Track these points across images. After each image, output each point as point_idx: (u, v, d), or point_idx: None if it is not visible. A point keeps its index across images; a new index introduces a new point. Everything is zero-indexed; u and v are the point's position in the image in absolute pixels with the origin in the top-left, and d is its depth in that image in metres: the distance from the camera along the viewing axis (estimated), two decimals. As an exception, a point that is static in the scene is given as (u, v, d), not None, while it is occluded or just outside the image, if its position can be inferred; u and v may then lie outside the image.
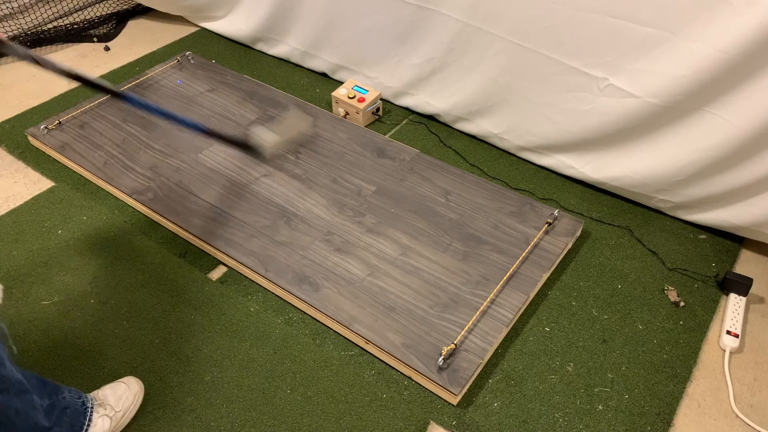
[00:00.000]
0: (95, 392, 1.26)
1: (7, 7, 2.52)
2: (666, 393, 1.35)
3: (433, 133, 2.05)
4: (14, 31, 2.45)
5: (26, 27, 2.49)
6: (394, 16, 1.91)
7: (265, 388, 1.34)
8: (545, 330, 1.47)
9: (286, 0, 2.17)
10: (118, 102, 1.37)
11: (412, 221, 1.67)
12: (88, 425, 1.18)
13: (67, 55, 2.44)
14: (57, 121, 1.97)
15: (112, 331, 1.44)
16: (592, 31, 1.53)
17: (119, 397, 1.25)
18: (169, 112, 1.43)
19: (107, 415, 1.21)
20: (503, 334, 1.43)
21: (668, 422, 1.30)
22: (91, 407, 1.20)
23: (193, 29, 2.60)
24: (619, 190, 1.79)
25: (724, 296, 1.56)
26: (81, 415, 1.18)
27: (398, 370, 1.38)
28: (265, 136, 1.47)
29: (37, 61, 1.30)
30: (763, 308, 1.55)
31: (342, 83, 2.14)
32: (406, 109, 2.15)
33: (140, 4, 2.67)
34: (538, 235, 1.63)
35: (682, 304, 1.53)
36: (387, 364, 1.39)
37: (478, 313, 1.44)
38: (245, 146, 1.48)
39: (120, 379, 1.31)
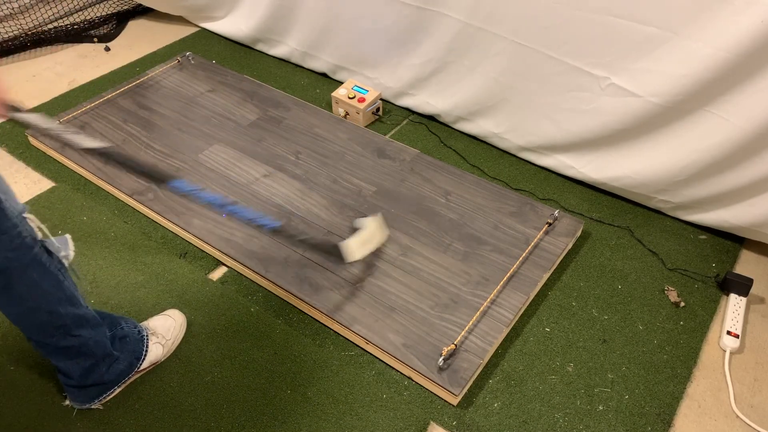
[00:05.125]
0: (146, 322, 1.38)
1: (8, 7, 2.52)
2: (666, 393, 1.35)
3: (433, 133, 2.05)
4: (14, 31, 2.45)
5: (26, 27, 2.49)
6: (395, 16, 1.91)
7: (265, 388, 1.34)
8: (545, 330, 1.47)
9: (286, 0, 2.17)
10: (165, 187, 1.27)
11: (412, 221, 1.67)
12: (146, 352, 1.32)
13: (67, 56, 2.44)
14: (57, 122, 1.96)
15: (112, 331, 1.44)
16: (594, 30, 1.53)
17: (168, 328, 1.39)
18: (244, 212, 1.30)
19: (160, 343, 1.35)
20: (503, 335, 1.43)
21: (668, 422, 1.30)
22: (147, 336, 1.33)
23: (194, 29, 2.60)
24: (619, 191, 1.79)
25: (725, 296, 1.56)
26: (140, 343, 1.31)
27: (398, 371, 1.38)
28: (352, 247, 1.42)
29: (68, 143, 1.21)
30: (764, 308, 1.55)
31: (342, 83, 2.14)
32: (407, 109, 2.15)
33: (140, 5, 2.67)
34: (539, 236, 1.63)
35: (682, 304, 1.53)
36: (387, 364, 1.39)
37: (478, 313, 1.44)
38: (330, 252, 1.42)
39: (164, 312, 1.44)
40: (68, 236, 1.18)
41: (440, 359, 1.33)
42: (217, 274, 1.59)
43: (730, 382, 1.38)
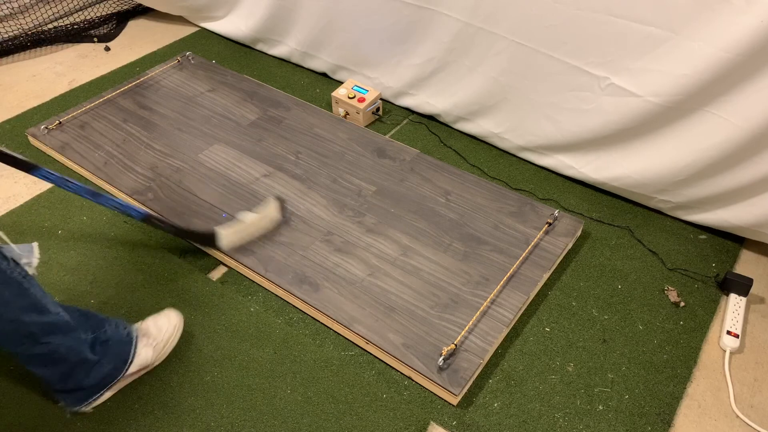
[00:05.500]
0: (139, 323, 1.34)
1: (8, 7, 2.52)
2: (666, 393, 1.35)
3: (433, 133, 2.05)
4: (14, 31, 2.45)
5: (26, 27, 2.49)
6: (395, 16, 1.91)
7: (265, 388, 1.34)
8: (545, 330, 1.47)
9: (285, 0, 2.17)
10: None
11: (412, 221, 1.67)
12: (134, 355, 1.27)
13: (67, 56, 2.44)
14: (57, 122, 1.97)
15: (112, 331, 1.44)
16: (594, 30, 1.53)
17: (160, 328, 1.34)
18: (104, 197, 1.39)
19: (150, 345, 1.30)
20: (503, 335, 1.43)
21: (668, 422, 1.30)
22: (136, 337, 1.29)
23: (194, 29, 2.60)
24: (619, 191, 1.79)
25: (725, 296, 1.56)
26: (126, 345, 1.27)
27: (398, 371, 1.38)
28: (229, 230, 1.53)
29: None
30: (764, 308, 1.55)
31: (342, 83, 2.14)
32: (407, 109, 2.15)
33: (140, 4, 2.67)
34: (539, 236, 1.63)
35: (682, 304, 1.53)
36: (387, 364, 1.39)
37: (478, 313, 1.44)
38: (197, 236, 1.54)
39: (161, 312, 1.39)
40: (35, 244, 1.16)
41: (440, 359, 1.33)
42: (217, 274, 1.59)
43: (730, 382, 1.38)
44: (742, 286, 1.53)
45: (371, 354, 1.41)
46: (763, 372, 1.41)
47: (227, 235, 1.53)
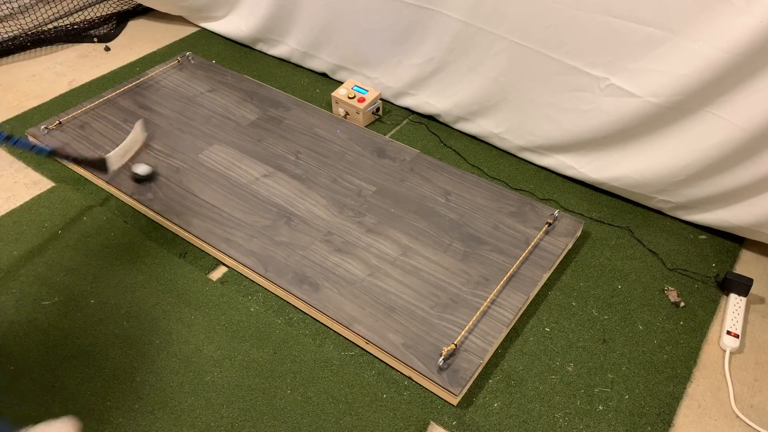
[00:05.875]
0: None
1: (7, 7, 2.52)
2: (666, 393, 1.35)
3: (433, 133, 2.05)
4: (14, 31, 2.45)
5: (26, 27, 2.49)
6: (394, 16, 1.91)
7: (265, 388, 1.34)
8: (545, 330, 1.47)
9: (285, 0, 2.17)
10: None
11: (412, 221, 1.67)
12: None
13: (67, 56, 2.44)
14: (57, 122, 1.97)
15: (112, 331, 1.44)
16: (594, 30, 1.53)
17: None
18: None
19: None
20: (503, 335, 1.43)
21: (668, 422, 1.30)
22: None
23: (193, 29, 2.60)
24: (619, 191, 1.79)
25: (725, 296, 1.56)
26: None
27: (398, 371, 1.38)
28: (114, 154, 1.74)
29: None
30: (764, 308, 1.55)
31: (342, 83, 2.14)
32: (407, 109, 2.15)
33: (140, 5, 2.67)
34: (539, 236, 1.63)
35: (682, 304, 1.53)
36: (387, 364, 1.39)
37: (478, 313, 1.44)
38: (93, 164, 1.72)
39: (57, 420, 1.24)
40: None
41: (440, 359, 1.33)
42: (217, 274, 1.59)
43: (730, 382, 1.38)
44: (742, 286, 1.53)
45: (371, 354, 1.41)
46: (763, 372, 1.41)
47: (114, 158, 1.74)
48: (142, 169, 1.73)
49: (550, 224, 1.66)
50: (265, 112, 2.06)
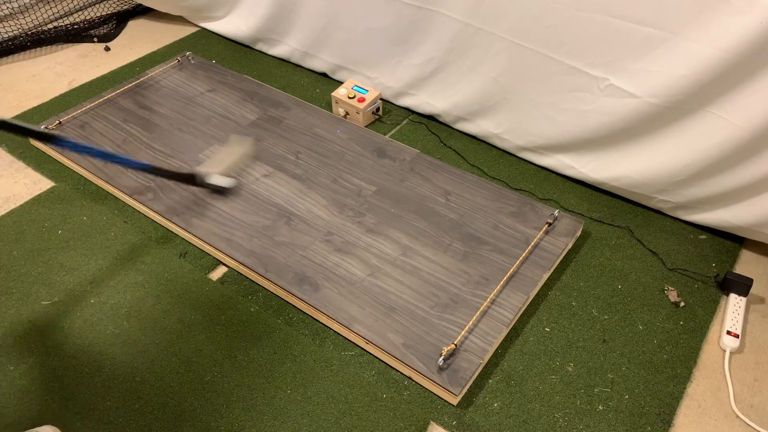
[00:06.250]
0: None
1: (8, 7, 2.52)
2: (666, 393, 1.35)
3: (433, 133, 2.05)
4: (14, 31, 2.45)
5: (26, 27, 2.49)
6: (394, 16, 1.91)
7: (265, 388, 1.34)
8: (545, 330, 1.47)
9: (286, 0, 2.17)
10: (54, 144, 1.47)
11: (412, 221, 1.67)
12: None
13: (67, 56, 2.44)
14: (57, 121, 1.97)
15: (112, 331, 1.44)
16: (593, 31, 1.53)
17: None
18: (110, 153, 1.52)
19: None
20: (503, 335, 1.43)
21: (668, 422, 1.30)
22: None
23: (193, 29, 2.60)
24: (619, 191, 1.79)
25: (725, 296, 1.56)
26: None
27: (398, 371, 1.38)
28: (210, 170, 1.65)
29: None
30: (764, 308, 1.55)
31: (342, 83, 2.14)
32: (406, 109, 2.15)
33: (140, 4, 2.67)
34: (538, 236, 1.63)
35: (682, 304, 1.53)
36: (387, 364, 1.39)
37: (478, 313, 1.44)
38: (193, 181, 1.64)
39: (40, 427, 1.24)
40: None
41: (440, 359, 1.33)
42: (217, 274, 1.59)
43: (730, 382, 1.38)
44: (742, 286, 1.53)
45: (371, 354, 1.41)
46: (763, 372, 1.41)
47: (211, 171, 1.65)
48: (224, 181, 1.62)
49: (550, 224, 1.66)
50: (265, 112, 2.06)
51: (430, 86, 2.01)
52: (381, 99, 2.10)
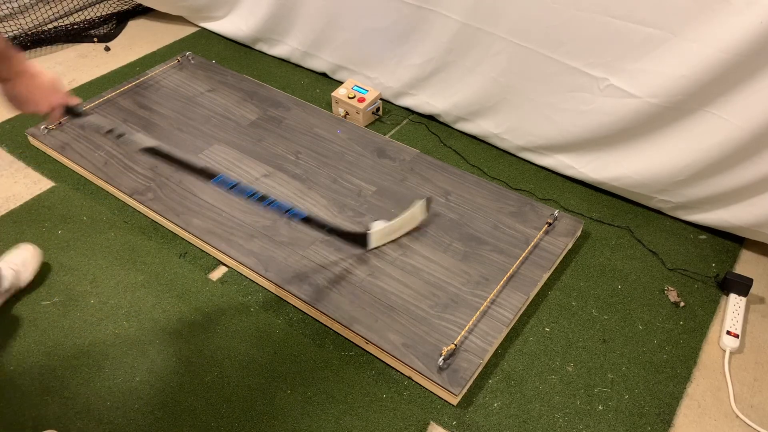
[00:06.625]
0: None
1: (8, 7, 2.52)
2: (666, 393, 1.35)
3: (433, 133, 2.05)
4: (14, 31, 2.45)
5: (26, 27, 2.49)
6: (394, 16, 1.91)
7: (265, 388, 1.34)
8: (545, 330, 1.47)
9: (286, 0, 2.17)
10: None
11: (412, 221, 1.67)
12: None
13: (67, 56, 2.44)
14: (57, 121, 1.97)
15: (112, 331, 1.44)
16: (593, 31, 1.53)
17: (15, 256, 1.49)
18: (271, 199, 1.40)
19: (12, 268, 1.46)
20: (503, 335, 1.43)
21: (668, 422, 1.30)
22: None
23: (193, 29, 2.60)
24: (619, 191, 1.79)
25: (724, 296, 1.56)
26: None
27: (398, 371, 1.38)
28: (378, 232, 1.56)
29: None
30: (764, 308, 1.55)
31: (342, 83, 2.14)
32: (406, 109, 2.15)
33: (140, 4, 2.67)
34: (538, 236, 1.63)
35: (682, 304, 1.53)
36: (387, 364, 1.39)
37: (478, 313, 1.44)
38: (349, 237, 1.55)
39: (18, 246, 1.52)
40: None
41: (440, 359, 1.33)
42: (217, 274, 1.59)
43: (730, 382, 1.38)
44: (742, 286, 1.53)
45: (371, 354, 1.41)
46: (763, 372, 1.41)
47: (377, 236, 1.56)
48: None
49: (550, 224, 1.66)
50: (265, 112, 2.06)
51: (430, 86, 2.01)
52: (381, 99, 2.10)
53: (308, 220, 1.44)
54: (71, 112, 1.16)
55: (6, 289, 1.44)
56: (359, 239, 1.55)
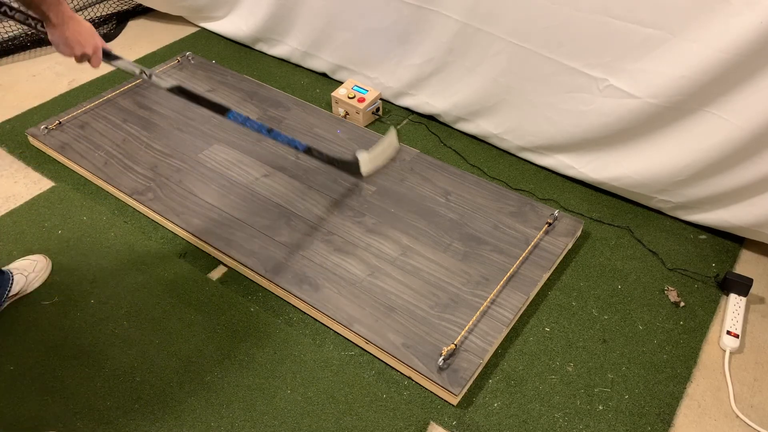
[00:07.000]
0: (9, 265, 1.52)
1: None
2: (666, 393, 1.35)
3: (433, 133, 2.05)
4: (14, 31, 2.45)
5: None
6: (394, 16, 1.91)
7: (265, 388, 1.34)
8: (545, 330, 1.47)
9: (286, 0, 2.17)
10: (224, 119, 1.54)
11: (412, 221, 1.67)
12: (12, 283, 1.47)
13: (67, 55, 2.44)
14: (57, 122, 1.97)
15: (112, 331, 1.44)
16: (592, 31, 1.53)
17: (27, 266, 1.52)
18: (273, 131, 1.56)
19: (23, 275, 1.49)
20: (503, 335, 1.43)
21: (668, 422, 1.30)
22: (11, 274, 1.48)
23: (193, 29, 2.60)
24: (619, 191, 1.79)
25: (724, 296, 1.56)
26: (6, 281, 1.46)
27: (398, 371, 1.38)
28: (364, 157, 1.66)
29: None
30: (763, 308, 1.55)
31: (342, 83, 2.14)
32: (406, 109, 2.15)
33: (140, 4, 2.67)
34: (539, 236, 1.63)
35: (682, 304, 1.53)
36: (387, 364, 1.39)
37: (478, 313, 1.44)
38: (343, 165, 1.66)
39: (28, 257, 1.56)
40: None
41: (440, 359, 1.33)
42: (217, 274, 1.59)
43: (730, 382, 1.38)
44: (742, 286, 1.53)
45: (371, 354, 1.41)
46: (763, 372, 1.41)
47: (365, 160, 1.65)
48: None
49: (550, 224, 1.66)
50: (265, 112, 2.06)
51: (430, 86, 2.01)
52: (381, 99, 2.10)
53: (309, 151, 1.60)
54: (107, 55, 1.29)
55: (14, 294, 1.48)
56: (353, 167, 1.64)
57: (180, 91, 1.44)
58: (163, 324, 1.46)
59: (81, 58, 1.24)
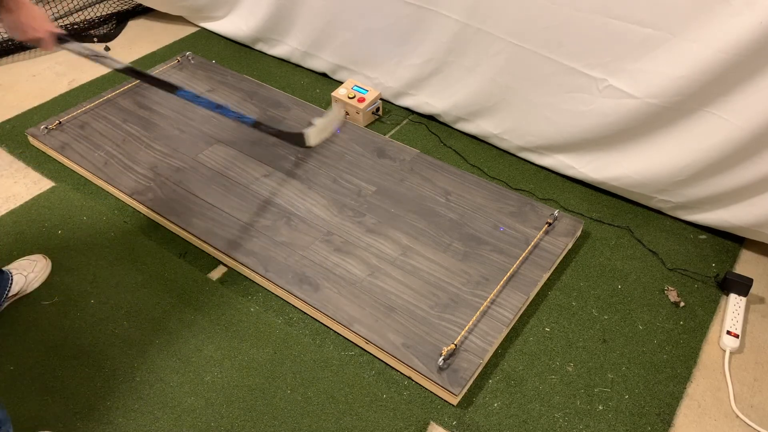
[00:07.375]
0: (9, 265, 1.53)
1: (8, 7, 2.51)
2: (666, 393, 1.35)
3: (433, 133, 2.05)
4: (14, 31, 2.45)
5: (26, 27, 2.48)
6: (394, 16, 1.91)
7: (265, 388, 1.34)
8: (545, 330, 1.47)
9: (286, 0, 2.17)
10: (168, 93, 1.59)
11: (412, 221, 1.67)
12: (11, 283, 1.48)
13: (67, 55, 2.44)
14: (57, 121, 1.97)
15: (112, 331, 1.44)
16: (592, 31, 1.53)
17: (27, 266, 1.54)
18: (217, 104, 1.59)
19: (22, 274, 1.51)
20: (503, 335, 1.43)
21: (668, 422, 1.30)
22: (11, 274, 1.49)
23: (193, 29, 2.60)
24: (619, 191, 1.79)
25: (724, 296, 1.56)
26: (6, 280, 1.47)
27: (398, 371, 1.38)
28: (310, 131, 1.65)
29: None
30: (764, 308, 1.55)
31: (342, 83, 2.14)
32: (406, 109, 2.15)
33: (140, 4, 2.67)
34: (538, 236, 1.63)
35: (682, 304, 1.53)
36: (387, 364, 1.39)
37: (478, 313, 1.44)
38: (291, 137, 1.66)
39: (29, 256, 1.58)
40: None
41: (440, 359, 1.33)
42: (216, 273, 1.59)
43: (730, 382, 1.38)
44: (742, 286, 1.53)
45: (371, 354, 1.41)
46: (763, 372, 1.41)
47: (312, 134, 1.65)
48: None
49: (550, 224, 1.66)
50: (265, 112, 2.06)
51: (430, 86, 2.01)
52: (381, 99, 2.10)
53: (257, 125, 1.61)
54: (59, 39, 1.36)
55: (13, 294, 1.48)
56: (299, 138, 1.64)
57: (130, 71, 1.49)
58: (163, 324, 1.46)
59: (34, 42, 1.33)
